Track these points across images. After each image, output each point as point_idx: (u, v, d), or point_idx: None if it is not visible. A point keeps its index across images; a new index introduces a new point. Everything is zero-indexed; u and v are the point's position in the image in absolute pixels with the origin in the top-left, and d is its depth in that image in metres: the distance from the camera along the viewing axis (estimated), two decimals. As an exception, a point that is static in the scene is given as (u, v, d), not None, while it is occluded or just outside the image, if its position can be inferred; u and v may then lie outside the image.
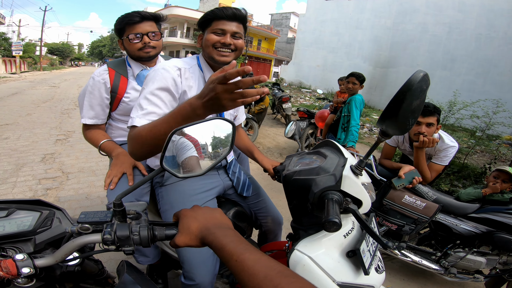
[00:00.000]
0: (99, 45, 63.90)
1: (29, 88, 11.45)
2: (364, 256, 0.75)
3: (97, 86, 1.34)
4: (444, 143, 1.85)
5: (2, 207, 0.60)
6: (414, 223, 1.78)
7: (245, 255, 0.47)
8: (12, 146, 3.89)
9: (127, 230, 0.56)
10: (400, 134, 0.77)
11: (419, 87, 0.66)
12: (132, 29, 1.34)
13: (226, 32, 1.05)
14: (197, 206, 0.63)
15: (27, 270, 0.54)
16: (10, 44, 24.14)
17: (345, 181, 0.73)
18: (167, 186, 1.15)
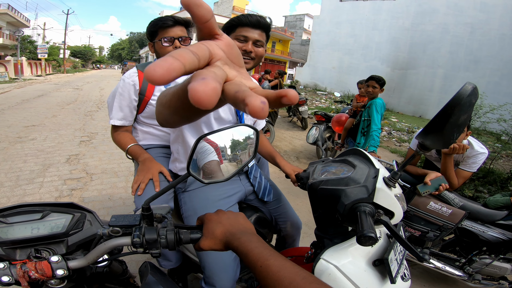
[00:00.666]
0: (119, 48, 66.28)
1: (54, 90, 12.02)
2: (392, 265, 0.74)
3: (127, 88, 1.37)
4: (474, 149, 1.79)
5: (38, 210, 0.62)
6: (439, 230, 1.75)
7: (270, 261, 0.47)
8: (39, 146, 4.09)
9: (155, 233, 0.57)
10: (442, 148, 0.74)
11: (468, 101, 0.63)
12: (164, 33, 1.37)
13: (249, 39, 1.07)
14: (221, 211, 0.63)
15: (61, 272, 0.56)
16: (36, 47, 25.22)
17: (378, 193, 0.72)
18: (189, 191, 1.17)
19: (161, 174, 1.27)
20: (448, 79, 12.67)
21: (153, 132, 1.45)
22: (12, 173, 3.11)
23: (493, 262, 1.75)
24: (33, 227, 0.59)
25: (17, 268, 0.53)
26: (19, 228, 0.58)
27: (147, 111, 1.42)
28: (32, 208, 0.61)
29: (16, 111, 6.67)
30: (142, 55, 53.27)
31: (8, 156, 3.62)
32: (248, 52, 1.07)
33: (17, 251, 0.59)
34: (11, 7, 25.12)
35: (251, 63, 1.10)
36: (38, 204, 0.62)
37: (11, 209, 0.60)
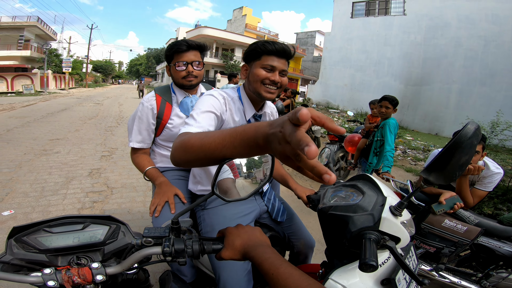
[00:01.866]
0: (137, 64, 68.94)
1: (76, 104, 12.66)
2: (400, 284, 0.77)
3: (145, 112, 1.42)
4: (489, 170, 1.83)
5: (79, 221, 0.68)
6: (454, 246, 1.80)
7: (280, 269, 0.54)
8: (63, 160, 4.31)
9: (183, 244, 0.64)
10: (445, 183, 0.77)
11: (470, 143, 0.65)
12: (179, 57, 1.41)
13: (276, 69, 1.06)
14: (240, 225, 0.70)
15: (100, 277, 0.61)
16: (61, 60, 26.30)
17: (384, 222, 0.75)
18: (209, 209, 1.23)
19: (176, 197, 1.34)
20: (464, 94, 12.42)
21: (169, 155, 1.50)
22: (37, 184, 3.30)
23: (510, 275, 1.77)
24: (75, 236, 0.65)
25: (62, 273, 0.59)
26: (62, 237, 0.65)
27: (164, 134, 1.48)
28: (75, 220, 0.68)
29: (41, 124, 7.08)
30: (158, 71, 55.19)
31: (34, 167, 3.85)
32: (276, 83, 1.08)
33: (59, 258, 0.65)
34: (41, 20, 26.09)
35: (276, 92, 1.12)
36: (79, 216, 0.69)
37: (56, 220, 0.66)
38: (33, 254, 0.62)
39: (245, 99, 1.16)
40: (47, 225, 0.65)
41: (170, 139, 1.48)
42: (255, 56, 1.08)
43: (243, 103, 1.15)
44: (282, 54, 1.06)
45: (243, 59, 1.15)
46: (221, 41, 28.93)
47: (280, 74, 1.08)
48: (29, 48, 24.83)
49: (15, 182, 3.29)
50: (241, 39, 29.12)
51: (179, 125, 1.46)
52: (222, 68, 28.94)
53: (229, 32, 29.94)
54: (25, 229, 0.64)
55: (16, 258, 0.61)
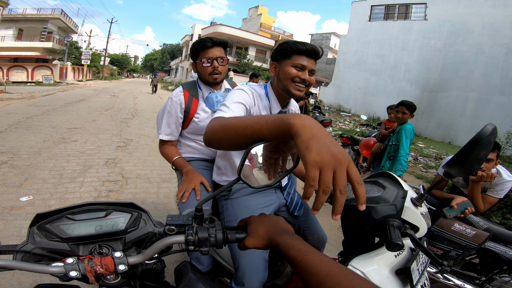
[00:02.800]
0: (151, 58, 70.09)
1: (93, 96, 12.99)
2: (413, 274, 0.82)
3: (174, 106, 1.50)
4: (502, 177, 1.89)
5: (102, 208, 0.65)
6: (461, 249, 1.84)
7: (309, 256, 0.52)
8: (80, 148, 4.45)
9: (206, 232, 0.62)
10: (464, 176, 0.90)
11: (488, 141, 0.76)
12: (204, 54, 1.48)
13: (306, 68, 1.12)
14: (263, 214, 0.70)
15: (123, 267, 0.59)
16: (81, 53, 27.00)
17: (406, 211, 0.83)
18: (232, 199, 1.28)
19: (202, 184, 1.41)
20: (482, 103, 12.05)
21: (196, 147, 1.59)
22: (56, 171, 3.42)
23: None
24: (97, 224, 0.63)
25: (85, 263, 0.56)
26: (84, 225, 0.62)
27: (190, 127, 1.55)
28: (97, 207, 0.65)
29: (60, 113, 7.32)
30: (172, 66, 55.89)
31: (52, 155, 3.99)
32: (305, 81, 1.14)
33: (81, 247, 0.62)
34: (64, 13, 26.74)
35: (304, 90, 1.17)
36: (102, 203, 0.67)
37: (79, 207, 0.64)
38: (55, 243, 0.59)
39: (272, 96, 1.22)
40: (69, 212, 0.62)
41: (196, 132, 1.56)
42: (286, 55, 1.13)
43: (270, 99, 1.21)
44: (312, 54, 1.12)
45: (272, 58, 1.21)
46: (235, 39, 28.98)
47: (309, 73, 1.14)
48: (52, 40, 25.49)
49: (34, 168, 3.42)
50: (256, 38, 29.13)
51: (204, 119, 1.53)
52: (235, 66, 29.04)
53: (244, 31, 29.95)
54: (48, 216, 0.61)
55: (38, 247, 0.58)
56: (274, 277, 1.41)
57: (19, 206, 2.53)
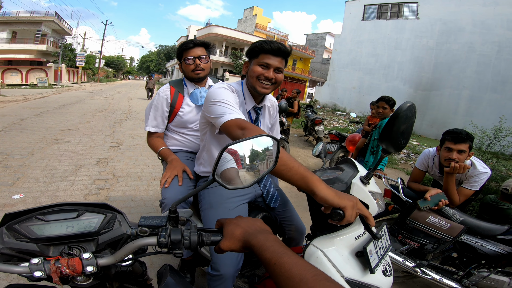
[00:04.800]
0: (147, 60, 69.78)
1: (88, 98, 12.98)
2: (371, 256, 0.85)
3: (160, 101, 1.63)
4: (476, 169, 1.87)
5: (74, 209, 0.64)
6: (437, 242, 1.82)
7: (284, 258, 0.49)
8: (73, 149, 4.49)
9: (179, 234, 0.60)
10: (396, 151, 0.93)
11: (405, 115, 0.86)
12: (187, 53, 1.63)
13: (270, 66, 1.15)
14: (240, 216, 0.69)
15: (90, 268, 0.58)
16: (75, 55, 26.77)
17: (353, 187, 0.90)
18: (209, 189, 1.33)
19: (185, 173, 1.50)
20: (474, 101, 12.20)
21: (179, 139, 1.71)
22: (48, 171, 3.47)
23: (491, 275, 1.78)
24: (68, 225, 0.61)
25: (51, 263, 0.56)
26: (55, 225, 0.61)
27: (175, 120, 1.67)
28: (69, 207, 0.64)
29: (54, 115, 7.33)
30: (168, 68, 55.73)
31: (45, 155, 4.03)
32: (269, 79, 1.17)
33: (51, 248, 0.61)
34: (58, 15, 26.71)
35: (271, 87, 1.21)
36: (74, 204, 0.65)
37: (50, 207, 0.62)
38: (23, 243, 0.58)
39: (246, 92, 1.27)
40: (40, 212, 0.61)
41: (181, 125, 1.68)
42: (254, 54, 1.18)
43: (245, 96, 1.27)
44: (278, 52, 1.15)
45: (246, 57, 1.27)
46: (231, 40, 29.03)
47: (275, 71, 1.17)
48: (45, 42, 25.40)
49: (26, 168, 3.47)
50: (251, 39, 29.16)
51: (188, 113, 1.65)
52: (231, 67, 29.06)
53: (239, 32, 30.02)
54: (18, 216, 0.60)
55: (6, 247, 0.57)
56: (254, 267, 1.45)
57: (10, 204, 2.59)
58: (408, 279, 2.17)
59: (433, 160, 2.08)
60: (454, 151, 1.80)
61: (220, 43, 29.86)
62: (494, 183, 4.39)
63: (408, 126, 0.87)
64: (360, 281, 0.84)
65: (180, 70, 1.73)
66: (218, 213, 1.25)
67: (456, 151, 1.79)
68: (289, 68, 32.90)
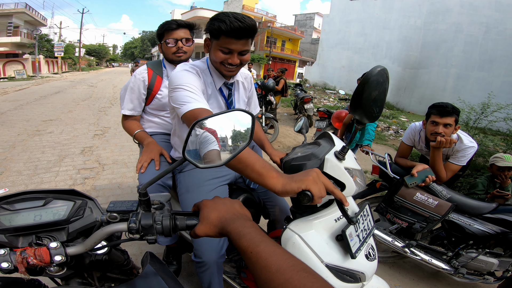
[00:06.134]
0: (131, 47, 67.44)
1: (70, 87, 12.50)
2: (351, 240, 0.78)
3: (137, 83, 1.54)
4: (463, 143, 1.82)
5: (41, 197, 0.61)
6: (425, 221, 1.76)
7: (260, 247, 0.46)
8: (56, 139, 4.35)
9: (151, 219, 0.57)
10: (370, 122, 0.82)
11: (376, 80, 0.74)
12: (169, 35, 1.53)
13: (234, 51, 1.03)
14: (218, 197, 0.64)
15: (59, 258, 0.55)
16: (52, 45, 25.90)
17: (327, 163, 0.82)
18: (184, 172, 1.28)
19: (162, 156, 1.43)
20: (462, 79, 12.39)
21: (157, 121, 1.63)
22: (31, 163, 3.36)
23: (479, 256, 1.74)
24: (36, 214, 0.59)
25: (17, 254, 0.54)
26: (22, 215, 0.58)
27: (153, 103, 1.59)
28: (35, 195, 0.61)
29: (34, 107, 7.04)
30: (154, 53, 54.07)
31: (27, 147, 3.89)
32: (233, 64, 1.07)
33: (20, 239, 0.58)
34: (29, 6, 25.61)
35: (237, 69, 1.13)
36: (41, 191, 0.63)
37: (15, 196, 0.60)
38: None
39: (213, 70, 1.17)
40: (5, 202, 0.59)
41: (159, 108, 1.61)
42: (214, 35, 1.03)
43: (212, 74, 1.17)
44: (240, 34, 0.98)
45: (205, 32, 1.09)
46: (217, 23, 28.16)
47: (240, 55, 1.06)
48: (19, 34, 24.55)
49: (9, 162, 3.35)
50: (238, 21, 28.39)
51: (167, 96, 1.52)
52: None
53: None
54: None
55: None
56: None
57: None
58: (398, 259, 2.15)
59: (420, 135, 2.03)
60: (440, 125, 1.74)
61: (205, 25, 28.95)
62: (482, 158, 4.41)
63: (381, 93, 0.76)
64: (342, 266, 0.79)
65: (159, 51, 1.65)
66: (195, 196, 1.18)
67: (442, 125, 1.74)
68: (278, 49, 32.42)
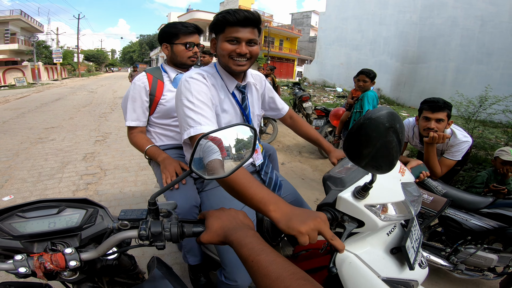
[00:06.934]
0: (130, 51, 67.61)
1: (70, 94, 12.60)
2: (409, 252, 0.78)
3: (137, 90, 1.45)
4: (457, 138, 1.82)
5: (54, 205, 0.64)
6: (421, 217, 1.72)
7: (261, 256, 0.48)
8: (58, 146, 4.41)
9: (160, 226, 0.61)
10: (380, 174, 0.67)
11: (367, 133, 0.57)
12: (187, 38, 1.46)
13: (241, 40, 0.99)
14: (223, 208, 0.67)
15: (74, 263, 0.59)
16: (51, 52, 25.87)
17: (339, 202, 0.75)
18: (207, 191, 1.22)
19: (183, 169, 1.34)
20: (461, 72, 12.38)
21: (166, 134, 1.53)
22: (34, 170, 3.42)
23: (478, 252, 1.72)
24: (50, 221, 0.62)
25: (34, 259, 0.57)
26: (37, 222, 0.61)
27: (158, 110, 1.49)
28: (49, 204, 0.65)
29: (36, 114, 7.11)
30: (152, 57, 54.11)
31: (30, 155, 3.96)
32: (243, 55, 1.01)
33: (35, 245, 0.62)
34: (24, 13, 25.56)
35: (247, 64, 1.05)
36: (54, 200, 0.66)
37: (30, 204, 0.63)
38: (7, 240, 0.59)
39: (223, 73, 1.12)
40: (20, 210, 0.62)
41: (165, 116, 1.50)
42: (219, 29, 1.02)
43: (222, 77, 1.12)
44: (246, 22, 0.98)
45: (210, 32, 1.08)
46: (214, 24, 28.16)
47: (248, 44, 1.01)
48: (16, 41, 24.53)
49: (13, 170, 3.42)
50: (235, 22, 28.36)
51: (171, 99, 1.47)
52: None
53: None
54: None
55: None
56: None
57: (1, 206, 2.56)
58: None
59: (413, 131, 2.03)
60: (432, 120, 1.74)
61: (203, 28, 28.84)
62: (483, 151, 4.30)
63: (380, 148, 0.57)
64: (398, 278, 0.78)
65: (165, 53, 1.53)
66: None
67: (434, 120, 1.73)
68: (277, 48, 32.41)
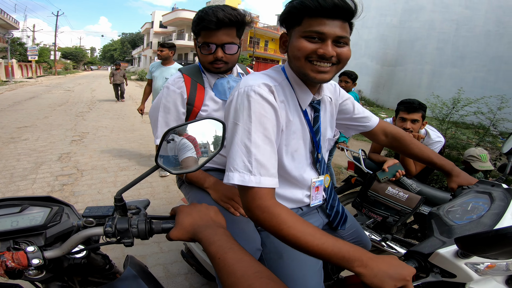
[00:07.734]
0: (111, 49, 65.64)
1: (45, 92, 12.02)
2: None
3: (172, 98, 1.13)
4: (431, 138, 1.91)
5: (16, 204, 0.63)
6: (397, 215, 1.80)
7: (228, 254, 0.48)
8: (31, 146, 4.20)
9: (127, 223, 0.59)
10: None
11: None
12: (206, 37, 1.09)
13: (327, 37, 0.70)
14: (194, 203, 0.64)
15: (36, 261, 0.58)
16: (26, 49, 24.54)
17: (436, 257, 0.68)
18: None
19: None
20: (436, 75, 12.97)
21: None
22: (6, 171, 3.24)
23: None
24: (13, 220, 0.61)
25: None
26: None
27: None
28: (11, 202, 0.63)
29: (8, 113, 6.74)
30: (134, 55, 52.84)
31: (2, 155, 3.75)
32: (328, 58, 0.71)
33: None
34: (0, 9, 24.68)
35: (333, 70, 0.75)
36: (17, 198, 0.65)
37: None
38: None
39: (294, 81, 0.82)
40: None
41: None
42: (294, 20, 0.73)
43: (294, 87, 0.82)
44: (335, 12, 0.69)
45: (281, 25, 0.80)
46: (199, 24, 27.90)
47: (336, 44, 0.72)
48: None
49: (-18, 171, 3.21)
50: (220, 22, 28.23)
51: (214, 112, 1.18)
52: (202, 52, 28.09)
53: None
54: None
55: None
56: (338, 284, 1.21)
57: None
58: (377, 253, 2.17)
59: None
60: (408, 121, 1.81)
61: (188, 27, 28.61)
62: (455, 151, 4.56)
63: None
64: None
65: (198, 54, 1.18)
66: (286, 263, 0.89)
67: (410, 121, 1.81)
68: (262, 49, 32.57)
